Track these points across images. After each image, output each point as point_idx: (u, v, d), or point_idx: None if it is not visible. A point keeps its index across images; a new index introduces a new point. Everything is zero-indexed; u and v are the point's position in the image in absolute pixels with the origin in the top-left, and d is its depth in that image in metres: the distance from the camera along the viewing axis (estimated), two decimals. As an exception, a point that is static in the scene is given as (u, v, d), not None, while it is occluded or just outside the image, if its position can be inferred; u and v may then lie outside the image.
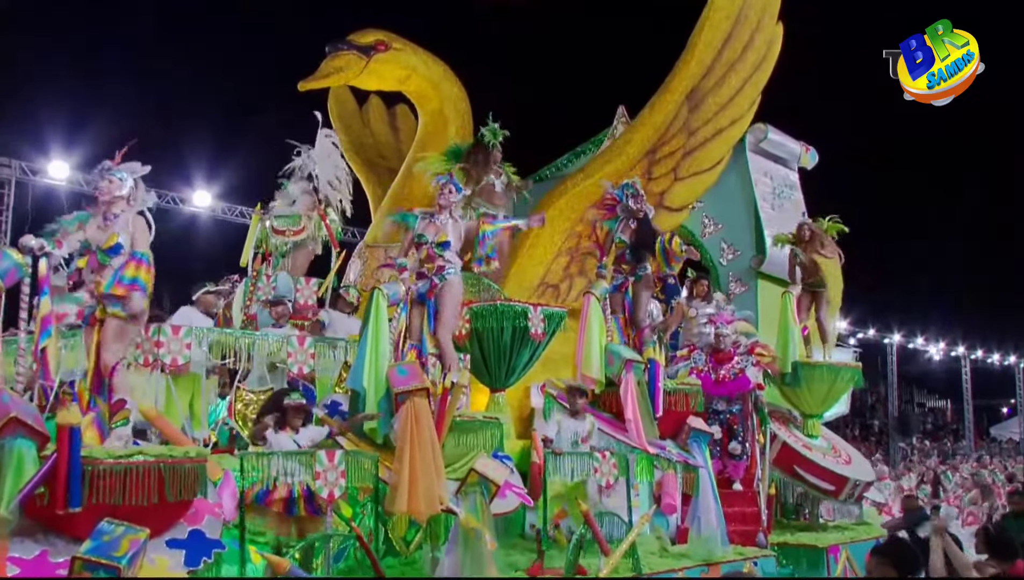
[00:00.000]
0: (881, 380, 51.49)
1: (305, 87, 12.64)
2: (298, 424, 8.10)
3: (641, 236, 11.19)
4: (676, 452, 10.67)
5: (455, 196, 9.28)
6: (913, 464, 31.20)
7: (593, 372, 10.55)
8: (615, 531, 9.66)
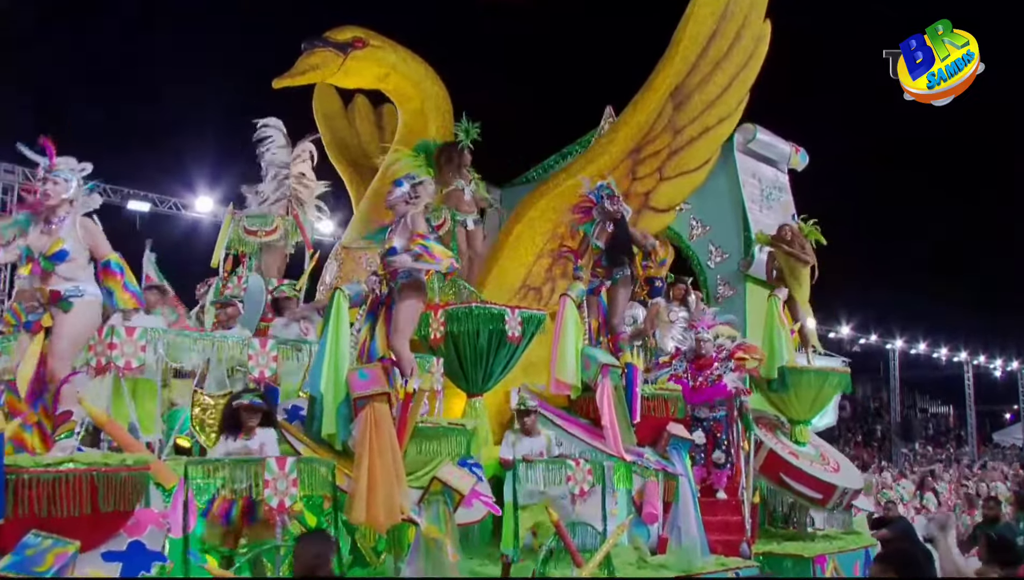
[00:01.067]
0: (883, 386, 51.26)
1: (279, 85, 12.26)
2: (253, 426, 7.66)
3: (617, 238, 10.79)
4: (655, 459, 10.27)
5: (394, 195, 8.85)
6: (906, 471, 30.55)
7: (568, 377, 10.17)
8: (589, 541, 9.28)
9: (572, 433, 9.98)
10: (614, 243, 10.79)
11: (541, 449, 9.59)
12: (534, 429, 9.74)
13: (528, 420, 9.74)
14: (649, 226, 13.49)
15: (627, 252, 10.81)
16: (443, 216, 11.77)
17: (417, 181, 8.78)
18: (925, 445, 49.93)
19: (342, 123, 15.41)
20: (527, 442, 9.67)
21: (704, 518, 11.30)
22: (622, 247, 10.78)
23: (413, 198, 8.64)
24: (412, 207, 8.60)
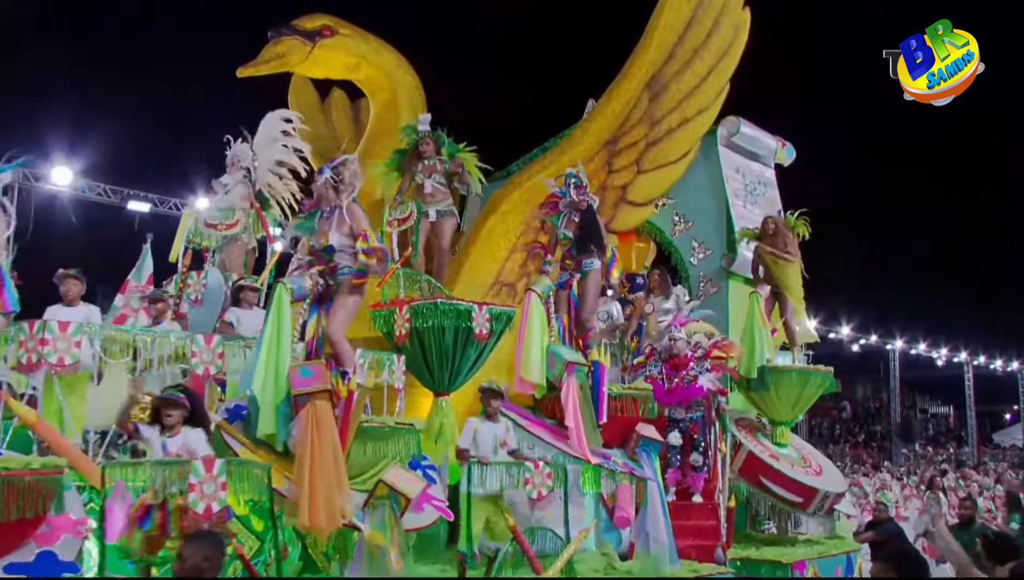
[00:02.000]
0: (883, 386, 50.74)
1: (244, 74, 11.76)
2: (173, 423, 7.12)
3: (586, 228, 10.25)
4: (622, 462, 9.74)
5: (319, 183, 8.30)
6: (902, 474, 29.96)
7: (532, 375, 9.63)
8: (549, 547, 8.77)
9: (535, 434, 9.44)
10: (582, 232, 10.25)
11: (503, 437, 9.04)
12: (496, 414, 9.19)
13: (495, 403, 9.19)
14: (627, 221, 13.05)
15: (597, 242, 10.26)
16: (409, 209, 11.25)
17: (338, 162, 8.24)
18: (925, 446, 49.28)
19: (318, 117, 14.89)
20: (489, 428, 9.11)
21: (678, 522, 10.80)
22: (591, 237, 10.24)
23: (339, 182, 8.10)
24: (344, 195, 8.05)
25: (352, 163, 8.30)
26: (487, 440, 8.92)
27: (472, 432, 8.99)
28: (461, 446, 8.93)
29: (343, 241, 7.92)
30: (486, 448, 8.84)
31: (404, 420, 8.42)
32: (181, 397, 7.10)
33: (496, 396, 9.12)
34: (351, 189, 8.12)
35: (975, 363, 49.77)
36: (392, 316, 10.53)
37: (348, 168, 8.23)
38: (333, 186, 8.15)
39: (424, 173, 11.38)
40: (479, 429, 9.01)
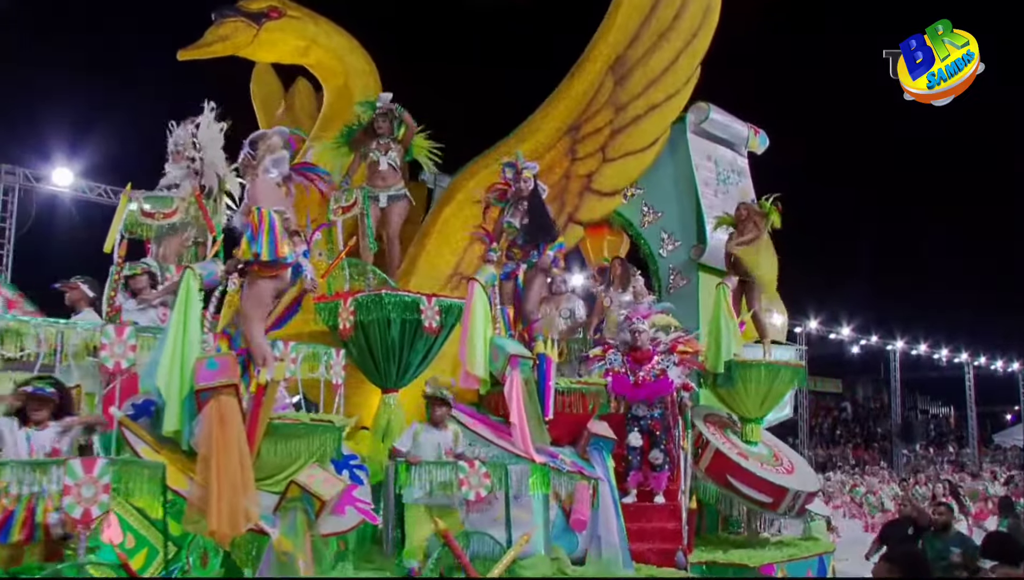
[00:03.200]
0: (884, 387, 50.02)
1: (185, 56, 11.09)
2: (41, 418, 6.45)
3: (533, 216, 9.55)
4: (571, 460, 9.03)
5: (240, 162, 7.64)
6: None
7: (477, 369, 8.94)
8: (486, 552, 8.10)
9: (477, 432, 8.74)
10: (529, 221, 9.56)
11: (448, 445, 8.37)
12: (443, 422, 8.52)
13: (440, 411, 8.52)
14: (594, 211, 12.36)
15: (545, 231, 9.56)
16: (354, 196, 10.56)
17: (256, 136, 7.57)
18: (926, 447, 48.44)
19: (280, 106, 14.21)
20: (433, 435, 8.46)
21: (639, 525, 10.14)
22: (538, 226, 9.55)
23: (254, 158, 7.43)
24: (262, 171, 7.39)
25: (270, 136, 7.63)
26: (429, 448, 8.24)
27: (412, 436, 8.31)
28: (396, 447, 8.25)
29: (244, 222, 7.26)
30: (427, 456, 8.16)
31: (322, 416, 7.69)
32: (50, 391, 6.43)
33: (441, 404, 8.46)
34: (261, 164, 7.45)
35: (976, 364, 48.95)
36: (337, 309, 9.93)
37: (264, 142, 7.57)
38: (249, 163, 7.50)
39: (379, 150, 10.67)
40: (421, 435, 8.33)
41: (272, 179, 7.51)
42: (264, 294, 7.30)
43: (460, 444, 8.44)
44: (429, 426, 8.44)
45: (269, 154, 7.55)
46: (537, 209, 9.60)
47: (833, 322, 43.25)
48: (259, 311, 7.31)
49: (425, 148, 10.94)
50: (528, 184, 9.61)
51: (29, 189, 19.70)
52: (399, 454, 8.15)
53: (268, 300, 7.37)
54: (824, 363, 47.77)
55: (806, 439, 39.80)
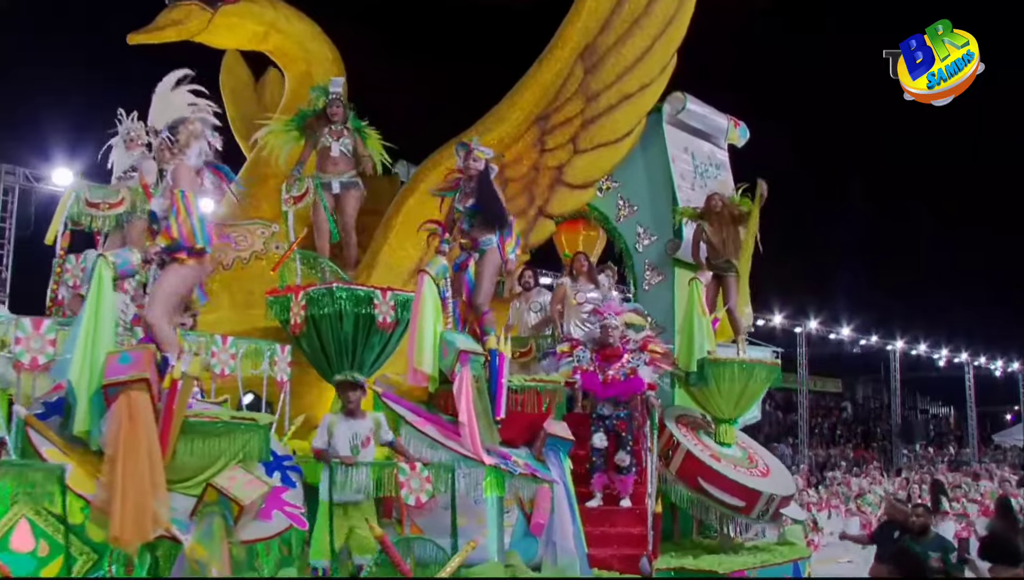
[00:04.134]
0: (884, 387, 49.43)
1: (135, 41, 10.52)
2: None
3: (481, 199, 8.97)
4: (524, 462, 8.43)
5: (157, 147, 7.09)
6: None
7: (425, 366, 8.34)
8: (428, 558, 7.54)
9: (425, 432, 8.14)
10: (478, 205, 8.97)
11: (364, 435, 7.74)
12: (358, 409, 7.90)
13: (353, 397, 7.88)
14: (565, 204, 11.76)
15: (495, 216, 8.97)
16: (306, 185, 9.99)
17: (178, 120, 7.01)
18: (926, 447, 47.71)
19: (250, 98, 13.64)
20: (348, 425, 7.80)
21: (603, 530, 9.64)
22: (488, 210, 8.95)
23: (174, 143, 6.88)
24: (177, 157, 6.84)
25: (192, 122, 7.07)
26: (343, 439, 7.62)
27: (327, 429, 7.71)
28: (315, 446, 7.66)
29: (166, 207, 6.69)
30: (342, 448, 7.54)
31: (245, 414, 7.12)
32: None
33: (351, 388, 7.82)
34: (185, 151, 6.89)
35: (975, 364, 48.30)
36: (288, 303, 9.38)
37: (186, 127, 7.02)
38: (167, 147, 6.94)
39: (332, 136, 10.09)
40: (335, 426, 7.72)
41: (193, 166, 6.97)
42: (185, 282, 6.77)
43: (385, 431, 7.81)
44: (343, 416, 7.81)
45: (195, 141, 7.00)
46: (486, 192, 8.99)
47: (833, 322, 42.67)
48: (174, 300, 6.78)
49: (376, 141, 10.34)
50: (477, 164, 9.00)
51: (29, 189, 19.40)
52: (320, 453, 7.54)
53: (187, 289, 6.83)
54: (824, 363, 47.27)
55: (806, 439, 39.26)
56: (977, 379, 47.96)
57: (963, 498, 20.17)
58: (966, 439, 49.03)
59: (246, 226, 10.53)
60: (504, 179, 11.27)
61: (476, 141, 9.19)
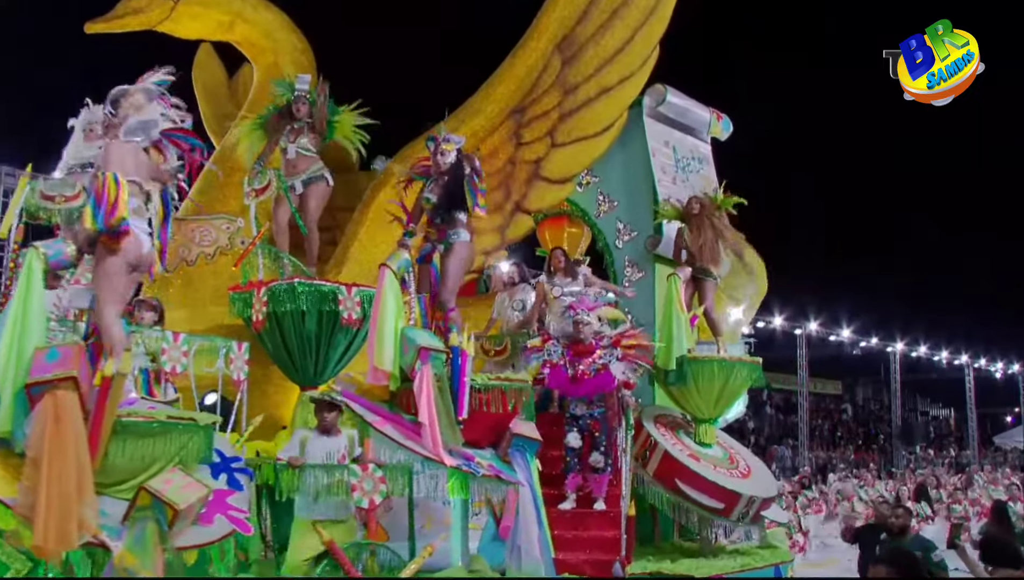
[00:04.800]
0: (884, 388, 48.96)
1: (93, 29, 10.13)
2: None
3: (451, 191, 8.55)
4: (488, 463, 8.01)
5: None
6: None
7: (385, 364, 7.91)
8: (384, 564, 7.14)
9: (385, 433, 7.71)
10: (447, 196, 8.56)
11: (340, 453, 7.42)
12: (334, 427, 7.57)
13: (329, 416, 7.58)
14: (543, 199, 11.37)
15: (464, 208, 8.57)
16: (268, 178, 9.57)
17: (119, 92, 6.61)
18: (926, 448, 47.15)
19: (223, 95, 13.20)
20: (323, 442, 7.52)
21: (575, 534, 9.23)
22: (457, 201, 8.54)
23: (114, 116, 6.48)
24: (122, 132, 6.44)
25: (132, 94, 6.66)
26: (318, 457, 7.27)
27: (299, 445, 7.35)
28: (280, 457, 7.29)
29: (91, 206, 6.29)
30: None
31: (184, 414, 6.71)
32: None
33: (328, 408, 7.51)
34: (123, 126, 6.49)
35: (976, 366, 47.75)
36: (250, 300, 9.02)
37: (127, 100, 6.61)
38: (108, 123, 6.54)
39: (289, 137, 9.66)
40: (309, 443, 7.36)
41: (134, 143, 6.54)
42: (110, 270, 6.34)
43: (357, 450, 7.49)
44: (318, 433, 7.48)
45: (135, 114, 6.59)
46: (457, 185, 8.58)
47: (833, 324, 42.20)
48: (109, 292, 6.35)
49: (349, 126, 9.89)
50: (447, 157, 8.59)
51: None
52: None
53: (116, 277, 6.39)
54: (824, 365, 46.83)
55: (806, 441, 38.82)
56: (977, 381, 47.40)
57: (961, 501, 19.66)
58: (966, 441, 48.45)
59: (210, 221, 10.13)
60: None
61: (444, 132, 8.75)
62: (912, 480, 24.38)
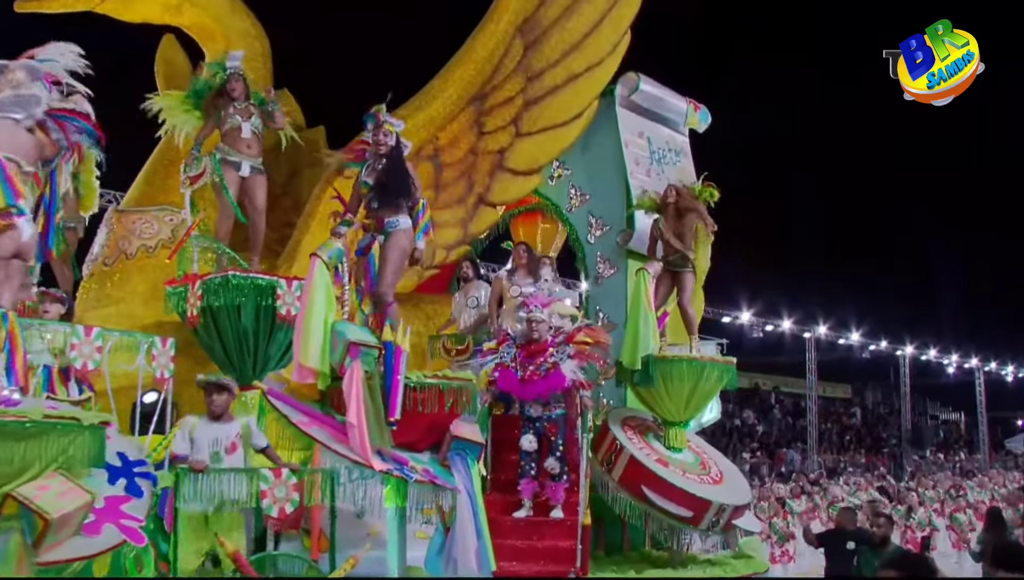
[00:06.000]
0: (893, 392, 48.02)
1: (23, 8, 9.46)
2: None
3: (390, 176, 7.84)
4: (423, 468, 7.30)
5: None
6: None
7: (310, 360, 7.23)
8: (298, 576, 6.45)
9: (308, 433, 7.04)
10: (386, 181, 7.84)
11: (230, 440, 6.69)
12: (225, 413, 6.85)
13: (219, 400, 6.83)
14: (508, 192, 10.70)
15: (404, 194, 7.85)
16: (203, 165, 8.88)
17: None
18: (936, 452, 46.05)
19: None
20: (211, 429, 6.77)
21: (529, 544, 8.53)
22: (396, 187, 7.83)
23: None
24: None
25: (13, 71, 6.02)
26: (205, 444, 6.56)
27: (187, 434, 6.64)
28: (173, 450, 6.59)
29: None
30: (203, 455, 6.48)
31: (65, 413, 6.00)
32: None
33: (216, 390, 6.79)
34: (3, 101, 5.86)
35: (986, 369, 46.61)
36: (186, 294, 8.37)
37: (6, 75, 5.98)
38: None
39: (241, 115, 8.97)
40: (196, 430, 6.66)
41: (11, 120, 5.89)
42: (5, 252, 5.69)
43: (257, 436, 6.79)
44: (207, 420, 6.76)
45: (11, 90, 5.94)
46: (396, 169, 7.86)
47: (842, 327, 41.27)
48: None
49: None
50: (388, 138, 7.88)
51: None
52: (178, 459, 6.49)
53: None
54: (833, 368, 45.91)
55: (815, 445, 37.99)
56: (988, 384, 46.25)
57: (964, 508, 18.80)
58: (976, 445, 47.30)
59: (153, 213, 9.54)
60: (440, 164, 10.23)
61: (385, 112, 8.04)
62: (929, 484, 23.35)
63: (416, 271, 10.49)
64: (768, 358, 43.73)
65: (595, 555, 9.59)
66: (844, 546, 9.05)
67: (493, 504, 9.05)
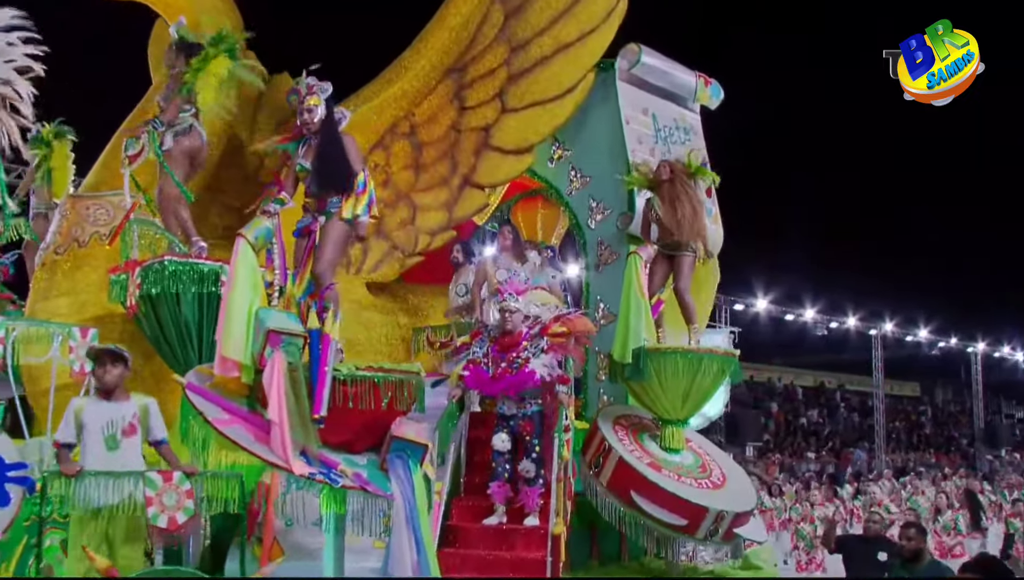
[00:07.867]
0: (964, 390, 45.92)
1: None
2: None
3: (325, 155, 6.91)
4: (353, 472, 6.37)
5: None
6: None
7: (232, 351, 6.35)
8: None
9: (224, 433, 6.15)
10: (323, 162, 6.92)
11: (130, 420, 5.86)
12: (118, 388, 6.03)
13: (113, 372, 6.02)
14: (496, 172, 9.74)
15: (340, 173, 6.91)
16: (141, 143, 8.07)
17: None
18: (1012, 452, 43.79)
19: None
20: (101, 410, 5.95)
21: (496, 554, 7.62)
22: (332, 166, 6.89)
23: None
24: None
25: None
26: (95, 427, 5.72)
27: (74, 418, 5.81)
28: (57, 439, 5.78)
29: None
30: (94, 441, 5.63)
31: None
32: None
33: (111, 359, 5.96)
34: None
35: (1064, 365, 44.43)
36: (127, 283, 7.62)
37: None
38: None
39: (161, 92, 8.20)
40: (83, 412, 5.82)
41: None
42: None
43: (156, 425, 5.95)
44: (97, 398, 5.92)
45: None
46: (331, 147, 6.93)
47: (910, 324, 39.53)
48: None
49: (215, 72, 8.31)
50: (313, 114, 6.95)
51: (28, 188, 18.25)
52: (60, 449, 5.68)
53: None
54: (901, 366, 44.04)
55: (882, 444, 36.48)
56: (1065, 381, 44.08)
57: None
58: (1054, 444, 44.95)
59: (108, 197, 8.80)
60: (418, 142, 9.32)
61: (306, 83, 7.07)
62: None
63: (398, 258, 9.66)
64: (833, 356, 42.20)
65: (588, 565, 8.67)
66: (874, 555, 7.93)
67: (465, 510, 8.17)
